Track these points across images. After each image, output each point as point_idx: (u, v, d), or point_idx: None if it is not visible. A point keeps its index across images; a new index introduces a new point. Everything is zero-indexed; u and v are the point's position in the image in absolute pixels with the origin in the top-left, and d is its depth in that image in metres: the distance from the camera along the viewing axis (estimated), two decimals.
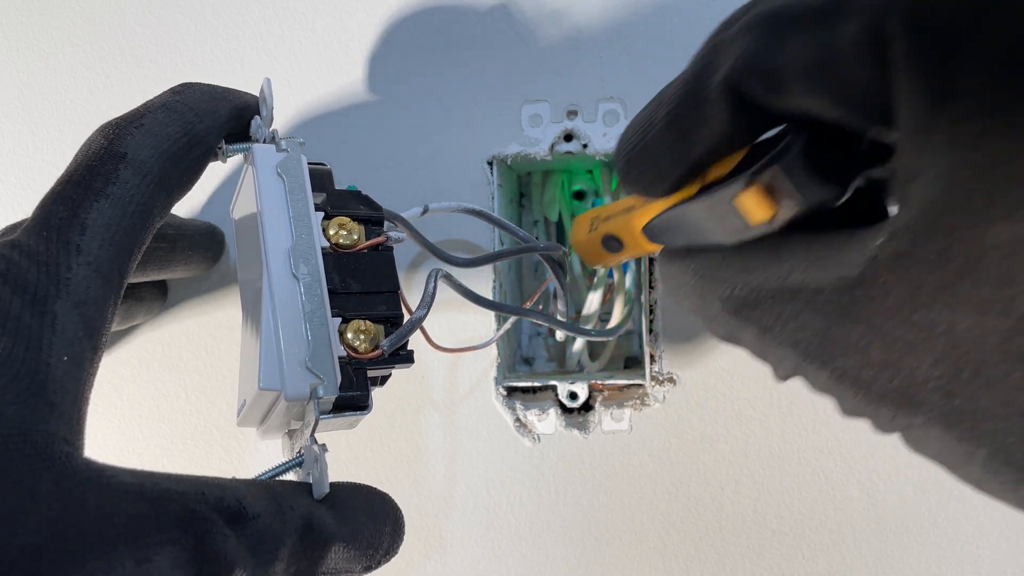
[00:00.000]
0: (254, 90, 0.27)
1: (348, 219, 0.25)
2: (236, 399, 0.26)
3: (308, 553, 0.21)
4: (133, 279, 0.29)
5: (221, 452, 0.35)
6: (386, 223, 0.26)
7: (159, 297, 0.34)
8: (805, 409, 0.32)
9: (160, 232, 0.29)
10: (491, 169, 0.34)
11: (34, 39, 0.36)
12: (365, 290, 0.25)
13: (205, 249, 0.32)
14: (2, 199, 0.36)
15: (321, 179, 0.26)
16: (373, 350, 0.24)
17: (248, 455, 0.35)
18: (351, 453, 0.34)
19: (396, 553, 0.24)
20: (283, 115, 0.35)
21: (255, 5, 0.35)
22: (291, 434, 0.25)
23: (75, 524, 0.17)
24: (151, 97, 0.26)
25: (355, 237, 0.25)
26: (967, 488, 0.32)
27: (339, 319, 0.24)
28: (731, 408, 0.33)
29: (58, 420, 0.19)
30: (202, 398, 0.35)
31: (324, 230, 0.25)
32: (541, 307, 0.37)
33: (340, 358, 0.23)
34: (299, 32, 0.35)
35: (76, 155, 0.23)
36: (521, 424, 0.34)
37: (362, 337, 0.24)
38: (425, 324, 0.26)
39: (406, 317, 0.25)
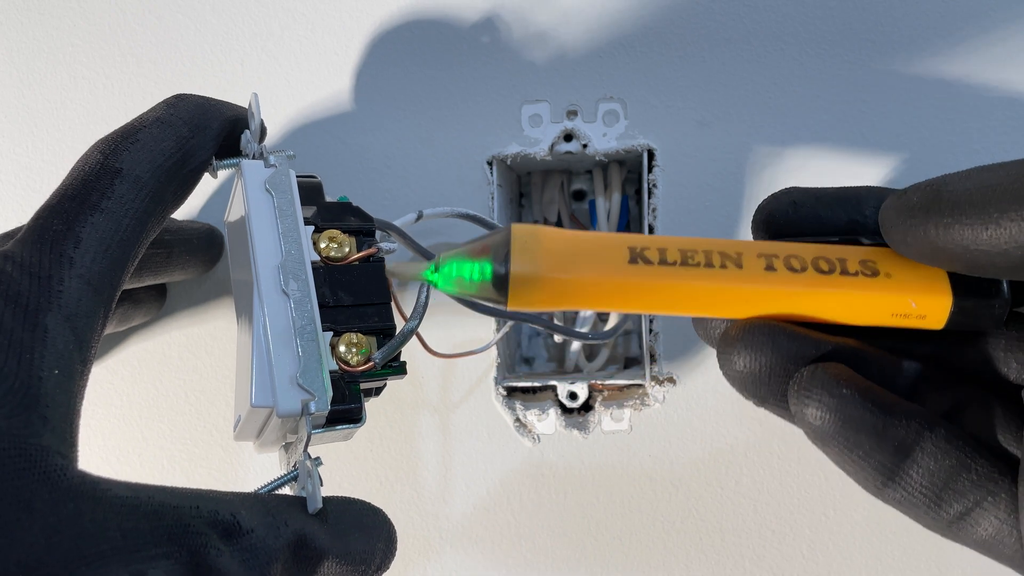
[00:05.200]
0: (254, 90, 0.27)
1: (338, 232, 0.25)
2: (232, 414, 0.26)
3: (301, 568, 0.21)
4: (129, 285, 0.29)
5: (220, 453, 0.35)
6: (378, 233, 0.26)
7: (157, 299, 0.34)
8: None
9: (157, 238, 0.29)
10: (491, 169, 0.34)
11: (34, 39, 0.36)
12: (357, 302, 0.25)
13: (203, 253, 0.32)
14: (2, 199, 0.36)
15: (311, 192, 0.26)
16: (365, 363, 0.24)
17: (247, 457, 0.35)
18: (351, 455, 0.34)
19: (388, 568, 0.24)
20: (283, 115, 0.35)
21: (255, 5, 0.35)
22: (287, 447, 0.26)
23: (70, 537, 0.17)
24: (149, 99, 0.26)
25: (346, 250, 0.25)
26: None
27: (331, 333, 0.24)
28: (731, 408, 0.33)
29: (51, 434, 0.19)
30: (201, 399, 0.35)
31: (314, 244, 0.25)
32: None
33: (332, 372, 0.23)
34: (299, 32, 0.35)
35: (72, 169, 0.23)
36: (521, 424, 0.34)
37: (354, 350, 0.24)
38: (423, 328, 0.26)
39: (399, 327, 0.25)
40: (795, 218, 0.22)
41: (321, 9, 0.35)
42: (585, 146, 0.33)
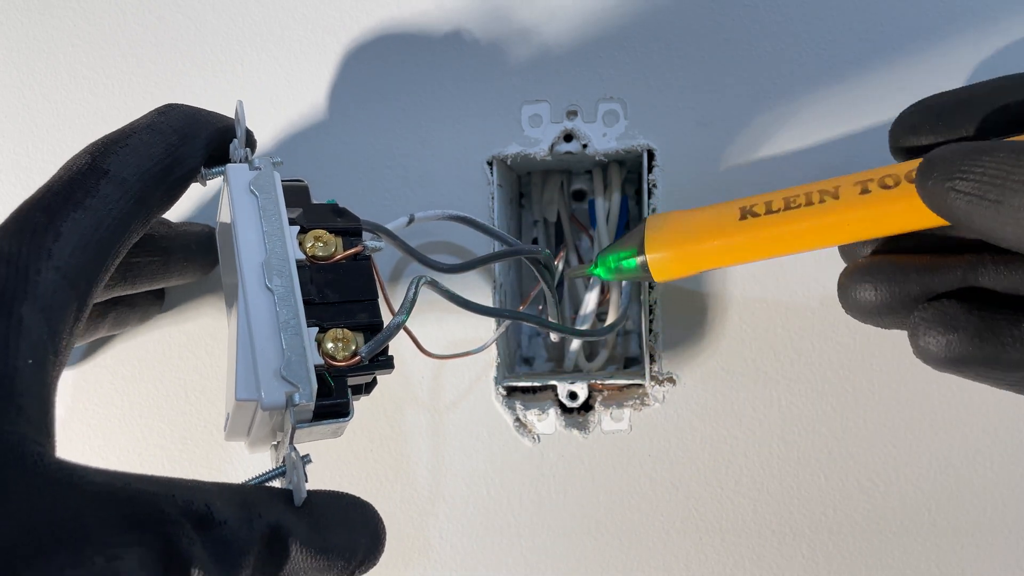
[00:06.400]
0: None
1: (325, 232, 0.25)
2: (223, 413, 0.26)
3: (276, 560, 0.21)
4: (125, 291, 0.29)
5: (220, 452, 0.35)
6: (366, 232, 0.27)
7: (154, 303, 0.34)
8: (805, 409, 0.32)
9: (155, 244, 0.29)
10: (491, 169, 0.34)
11: (34, 39, 0.36)
12: (343, 299, 0.25)
13: (201, 258, 0.32)
14: (2, 199, 0.36)
15: (297, 195, 0.26)
16: (352, 357, 0.24)
17: (247, 456, 0.35)
18: (351, 454, 0.34)
19: (375, 563, 0.23)
20: (283, 115, 0.35)
21: (255, 5, 0.35)
22: (277, 446, 0.26)
23: (44, 523, 0.17)
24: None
25: (332, 249, 0.25)
26: (967, 488, 0.33)
27: (317, 329, 0.24)
28: (731, 408, 0.33)
29: (27, 423, 0.19)
30: (201, 398, 0.35)
31: (300, 243, 0.25)
32: (541, 308, 0.37)
33: (317, 366, 0.23)
34: (299, 32, 0.35)
35: (60, 169, 0.24)
36: (521, 424, 0.34)
37: (340, 345, 0.24)
38: (418, 328, 0.26)
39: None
40: (934, 128, 0.23)
41: (321, 9, 0.35)
42: (585, 146, 0.33)
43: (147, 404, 0.35)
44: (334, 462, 0.34)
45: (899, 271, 0.23)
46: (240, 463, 0.35)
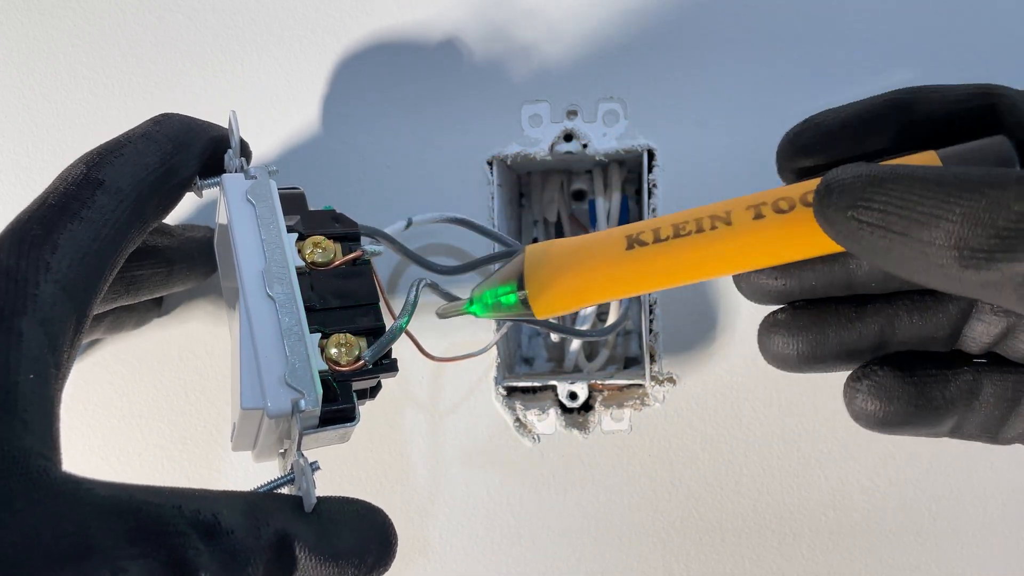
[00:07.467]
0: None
1: (323, 238, 0.26)
2: (228, 422, 0.26)
3: (284, 567, 0.21)
4: (127, 301, 0.29)
5: (221, 453, 0.35)
6: (365, 237, 0.27)
7: (152, 308, 0.34)
8: (805, 409, 0.32)
9: (159, 256, 0.29)
10: (491, 169, 0.34)
11: (34, 39, 0.36)
12: (345, 305, 0.25)
13: (204, 264, 0.32)
14: (2, 199, 0.36)
15: (294, 202, 0.26)
16: (356, 362, 0.24)
17: (247, 456, 0.35)
18: (352, 456, 0.34)
19: (386, 568, 0.23)
20: (283, 116, 0.35)
21: (255, 5, 0.35)
22: (284, 454, 0.26)
23: (51, 536, 0.18)
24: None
25: (331, 255, 0.25)
26: (967, 488, 0.33)
27: (319, 334, 0.24)
28: (731, 408, 0.33)
29: (32, 437, 0.19)
30: (202, 398, 0.35)
31: (299, 251, 0.25)
32: None
33: (322, 372, 0.23)
34: (299, 32, 0.35)
35: (54, 180, 0.24)
36: (521, 424, 0.34)
37: (344, 350, 0.24)
38: (419, 331, 0.26)
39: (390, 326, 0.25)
40: (825, 148, 0.22)
41: (321, 9, 0.35)
42: (585, 146, 0.33)
43: (147, 404, 0.35)
44: (335, 464, 0.34)
45: (815, 326, 0.23)
46: (240, 463, 0.35)
